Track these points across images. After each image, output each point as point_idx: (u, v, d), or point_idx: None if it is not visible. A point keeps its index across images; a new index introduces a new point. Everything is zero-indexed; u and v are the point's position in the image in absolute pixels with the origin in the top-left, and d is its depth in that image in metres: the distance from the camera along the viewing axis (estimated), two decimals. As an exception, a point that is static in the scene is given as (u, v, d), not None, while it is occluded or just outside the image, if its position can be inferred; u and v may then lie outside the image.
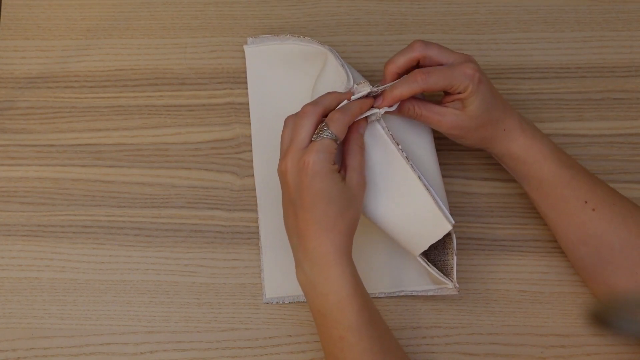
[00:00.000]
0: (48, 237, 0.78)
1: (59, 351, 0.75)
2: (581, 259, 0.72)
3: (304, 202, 0.65)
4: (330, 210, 0.65)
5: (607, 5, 0.84)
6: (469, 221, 0.78)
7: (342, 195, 0.65)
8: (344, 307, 0.64)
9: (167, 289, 0.76)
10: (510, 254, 0.77)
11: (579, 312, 0.75)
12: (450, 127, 0.70)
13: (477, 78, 0.68)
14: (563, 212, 0.71)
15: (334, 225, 0.65)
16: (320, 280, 0.65)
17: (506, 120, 0.71)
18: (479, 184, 0.79)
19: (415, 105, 0.71)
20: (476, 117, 0.69)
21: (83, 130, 0.81)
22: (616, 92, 0.81)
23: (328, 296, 0.65)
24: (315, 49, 0.77)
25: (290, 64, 0.80)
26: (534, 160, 0.70)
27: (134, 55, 0.83)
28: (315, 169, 0.64)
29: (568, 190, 0.70)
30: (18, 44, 0.83)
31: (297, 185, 0.65)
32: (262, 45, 0.81)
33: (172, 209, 0.78)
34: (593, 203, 0.69)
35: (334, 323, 0.65)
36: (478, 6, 0.84)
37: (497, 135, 0.71)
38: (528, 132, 0.71)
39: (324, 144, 0.65)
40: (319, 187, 0.64)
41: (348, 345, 0.65)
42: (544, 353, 0.74)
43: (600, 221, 0.69)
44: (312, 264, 0.65)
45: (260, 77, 0.81)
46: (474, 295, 0.76)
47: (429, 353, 0.74)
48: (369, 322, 0.65)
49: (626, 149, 0.80)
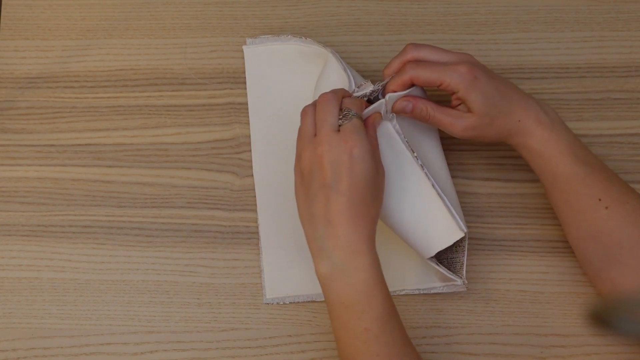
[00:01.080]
0: (48, 237, 0.78)
1: (59, 351, 0.75)
2: (589, 256, 0.71)
3: (342, 186, 0.64)
4: (367, 195, 0.65)
5: (607, 5, 0.84)
6: (469, 221, 0.78)
7: (377, 180, 0.66)
8: (371, 297, 0.64)
9: (167, 289, 0.76)
10: (510, 254, 0.77)
11: (579, 312, 0.75)
12: (463, 129, 0.70)
13: (471, 76, 0.68)
14: (576, 208, 0.70)
15: (367, 211, 0.65)
16: (351, 269, 0.64)
17: (518, 111, 0.70)
18: (479, 184, 0.79)
19: (429, 107, 0.71)
20: (485, 115, 0.69)
21: (83, 130, 0.81)
22: (616, 92, 0.81)
23: (357, 285, 0.64)
24: (316, 50, 0.77)
25: (290, 65, 0.80)
26: (550, 154, 0.70)
27: (134, 55, 0.83)
28: (359, 150, 0.65)
29: (582, 186, 0.69)
30: (18, 44, 0.83)
31: (337, 167, 0.65)
32: (262, 45, 0.81)
33: (172, 209, 0.78)
34: (606, 201, 0.69)
35: (360, 314, 0.64)
36: (478, 6, 0.84)
37: (513, 128, 0.70)
38: (546, 125, 0.70)
39: (357, 125, 0.66)
40: (360, 168, 0.64)
41: (374, 336, 0.64)
42: (544, 353, 0.74)
43: (611, 220, 0.69)
44: (344, 252, 0.65)
45: (259, 78, 0.81)
46: (474, 295, 0.76)
47: (429, 353, 0.74)
48: (393, 313, 0.65)
49: (626, 149, 0.80)
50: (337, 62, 0.74)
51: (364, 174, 0.65)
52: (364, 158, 0.65)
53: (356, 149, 0.65)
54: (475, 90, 0.68)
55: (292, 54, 0.79)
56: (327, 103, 0.67)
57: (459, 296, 0.75)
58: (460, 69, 0.69)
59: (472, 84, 0.68)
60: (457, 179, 0.79)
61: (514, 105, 0.70)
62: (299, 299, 0.75)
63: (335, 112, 0.67)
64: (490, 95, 0.69)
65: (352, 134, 0.65)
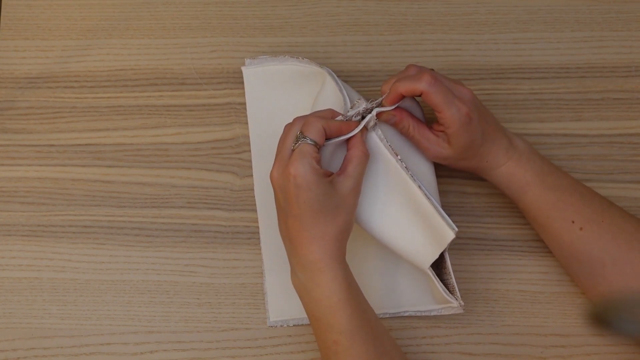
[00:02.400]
0: (48, 237, 0.78)
1: (59, 351, 0.75)
2: (574, 275, 0.73)
3: (292, 211, 0.65)
4: (319, 219, 0.65)
5: (607, 5, 0.84)
6: (468, 221, 0.78)
7: (330, 202, 0.65)
8: (335, 312, 0.65)
9: (167, 289, 0.76)
10: (510, 254, 0.77)
11: (579, 312, 0.75)
12: (435, 157, 0.72)
13: (468, 118, 0.68)
14: (551, 232, 0.71)
15: (324, 232, 0.65)
16: (312, 285, 0.65)
17: (491, 152, 0.71)
18: (479, 184, 0.79)
19: (411, 125, 0.71)
20: (460, 153, 0.70)
21: (83, 130, 0.81)
22: (616, 92, 0.81)
23: (320, 301, 0.65)
24: (314, 69, 0.77)
25: (288, 85, 0.80)
26: (516, 187, 0.71)
27: (134, 55, 0.83)
28: (300, 179, 0.64)
29: (554, 211, 0.70)
30: (18, 44, 0.83)
31: (285, 194, 0.65)
32: (260, 66, 0.80)
33: (172, 209, 0.78)
34: (580, 222, 0.70)
35: (327, 327, 0.65)
36: (478, 6, 0.84)
37: (480, 167, 0.72)
38: (513, 160, 0.71)
39: (303, 150, 0.65)
40: (305, 196, 0.64)
41: (342, 348, 0.65)
42: (544, 353, 0.74)
43: (588, 239, 0.70)
44: (304, 270, 0.66)
45: (258, 99, 0.80)
46: (474, 295, 0.76)
47: (429, 353, 0.74)
48: (362, 326, 0.65)
49: (626, 149, 0.80)
50: (334, 82, 0.73)
51: (310, 200, 0.64)
52: (307, 186, 0.64)
53: (298, 177, 0.64)
54: (465, 133, 0.69)
55: (290, 75, 0.79)
56: (292, 126, 0.67)
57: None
58: (463, 109, 0.68)
59: (466, 127, 0.68)
60: (457, 179, 0.79)
61: (489, 148, 0.71)
62: (303, 322, 0.75)
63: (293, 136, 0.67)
64: (474, 139, 0.69)
65: (294, 161, 0.64)
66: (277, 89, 0.80)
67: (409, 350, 0.74)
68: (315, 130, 0.66)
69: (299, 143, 0.65)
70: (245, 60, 0.81)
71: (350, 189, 0.66)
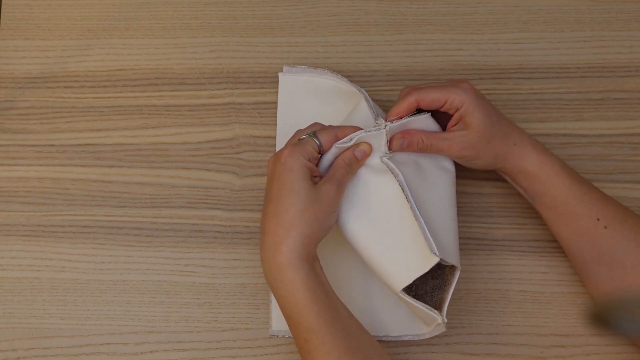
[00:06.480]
0: (48, 237, 0.78)
1: (59, 351, 0.75)
2: (594, 279, 0.71)
3: (272, 193, 0.66)
4: (292, 206, 0.65)
5: (607, 5, 0.84)
6: (469, 221, 0.78)
7: (307, 194, 0.65)
8: (301, 310, 0.64)
9: (167, 289, 0.76)
10: (510, 254, 0.77)
11: (579, 312, 0.75)
12: (461, 149, 0.70)
13: (475, 93, 0.69)
14: (576, 230, 0.70)
15: (291, 223, 0.65)
16: (276, 283, 0.65)
17: (514, 134, 0.71)
18: (479, 184, 0.79)
19: (423, 137, 0.70)
20: (483, 132, 0.69)
21: (83, 130, 0.81)
22: (616, 92, 0.81)
23: (286, 297, 0.65)
24: (351, 89, 0.77)
25: (322, 98, 0.79)
26: (547, 176, 0.70)
27: (134, 55, 0.83)
28: (287, 159, 0.66)
29: (580, 207, 0.70)
30: (18, 44, 0.83)
31: (271, 173, 0.68)
32: (297, 75, 0.80)
33: (172, 209, 0.78)
34: (605, 220, 0.69)
35: (297, 325, 0.65)
36: (478, 6, 0.84)
37: (509, 151, 0.71)
38: (539, 147, 0.71)
39: (303, 142, 0.68)
40: (286, 178, 0.66)
41: (313, 347, 0.64)
42: (544, 353, 0.74)
43: (612, 239, 0.69)
44: (268, 265, 0.65)
45: (291, 106, 0.80)
46: (474, 295, 0.76)
47: (429, 353, 0.74)
48: (332, 324, 0.64)
49: (626, 149, 0.80)
50: (367, 106, 0.73)
51: (291, 185, 0.65)
52: (290, 168, 0.65)
53: (287, 159, 0.66)
54: (478, 107, 0.69)
55: (326, 88, 0.79)
56: (312, 126, 0.70)
57: (459, 296, 0.75)
58: (464, 86, 0.69)
59: (476, 101, 0.69)
60: (458, 179, 0.78)
61: (510, 129, 0.71)
62: None
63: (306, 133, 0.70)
64: (491, 115, 0.70)
65: (291, 147, 0.67)
66: (311, 99, 0.80)
67: (408, 351, 0.74)
68: (326, 134, 0.69)
69: (305, 136, 0.68)
70: (284, 67, 0.80)
71: (328, 192, 0.66)
